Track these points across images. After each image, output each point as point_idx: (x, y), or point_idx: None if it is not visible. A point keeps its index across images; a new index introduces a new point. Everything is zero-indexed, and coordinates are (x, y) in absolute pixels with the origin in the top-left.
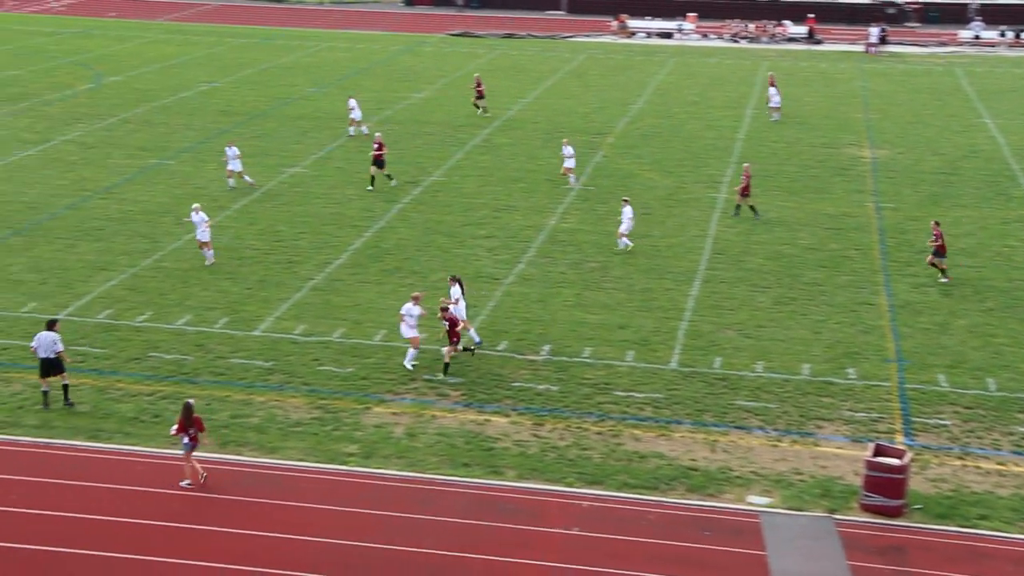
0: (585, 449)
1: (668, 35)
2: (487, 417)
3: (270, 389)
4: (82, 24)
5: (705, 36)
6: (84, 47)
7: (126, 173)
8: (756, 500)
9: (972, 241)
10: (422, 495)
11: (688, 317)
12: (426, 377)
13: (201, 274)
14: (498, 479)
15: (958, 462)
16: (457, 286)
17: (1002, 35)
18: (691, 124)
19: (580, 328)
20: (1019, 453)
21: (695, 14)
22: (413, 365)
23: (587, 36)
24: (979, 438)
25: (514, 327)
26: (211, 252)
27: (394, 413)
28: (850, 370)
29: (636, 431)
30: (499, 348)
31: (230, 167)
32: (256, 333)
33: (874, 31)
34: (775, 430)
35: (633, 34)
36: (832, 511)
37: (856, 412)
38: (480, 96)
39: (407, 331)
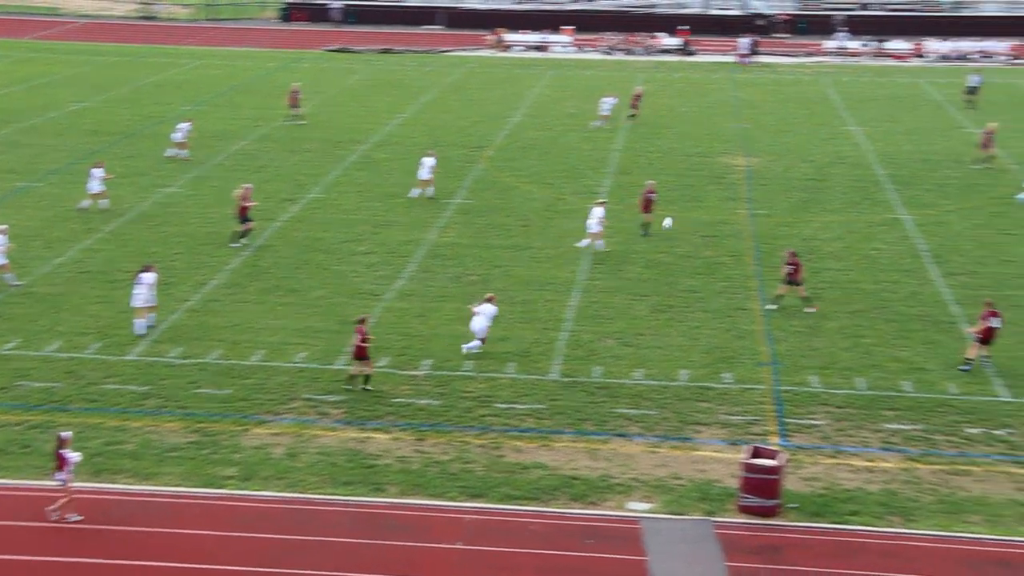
0: (468, 463)
1: (545, 48)
2: (368, 434)
3: (145, 414)
4: None
5: (581, 49)
6: None
7: None
8: (636, 506)
9: (840, 245)
10: (304, 516)
11: (568, 327)
12: (306, 396)
13: (72, 299)
14: (381, 496)
15: (830, 460)
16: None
17: (865, 45)
18: (568, 136)
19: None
20: (887, 449)
21: (571, 27)
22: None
23: (465, 50)
24: (850, 436)
25: (395, 343)
26: (11, 276)
27: (274, 434)
28: (726, 375)
29: (518, 442)
30: (380, 365)
31: (91, 188)
32: (130, 357)
33: (745, 42)
34: (654, 436)
35: (510, 47)
36: (711, 514)
37: (732, 415)
38: (294, 105)
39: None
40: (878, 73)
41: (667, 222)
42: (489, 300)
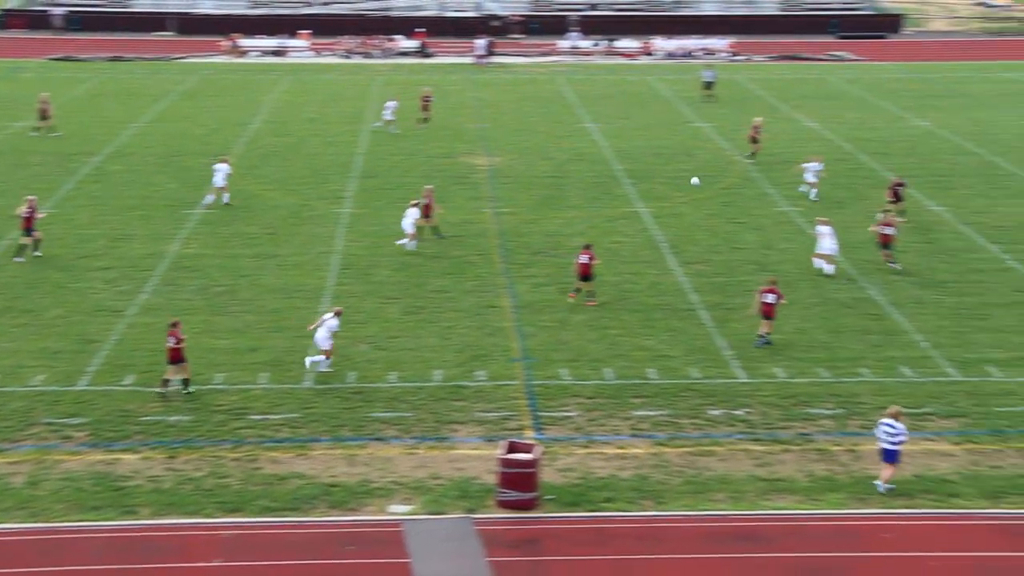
0: (223, 477)
1: (282, 53)
2: (116, 456)
3: None
4: None
5: (319, 53)
6: None
7: None
8: (397, 509)
9: (583, 240)
10: (49, 547)
11: None
12: (46, 421)
13: None
14: (133, 519)
15: (584, 450)
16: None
17: (597, 44)
18: (311, 141)
19: (210, 355)
20: (637, 436)
21: (308, 31)
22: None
23: (199, 57)
24: (601, 425)
25: (141, 360)
26: None
27: (12, 462)
28: (479, 372)
29: (274, 453)
30: (126, 383)
31: None
32: None
33: (481, 43)
34: (412, 438)
35: (245, 53)
36: (471, 511)
37: (488, 412)
38: (44, 117)
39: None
40: (610, 71)
41: (695, 180)
42: (337, 314)
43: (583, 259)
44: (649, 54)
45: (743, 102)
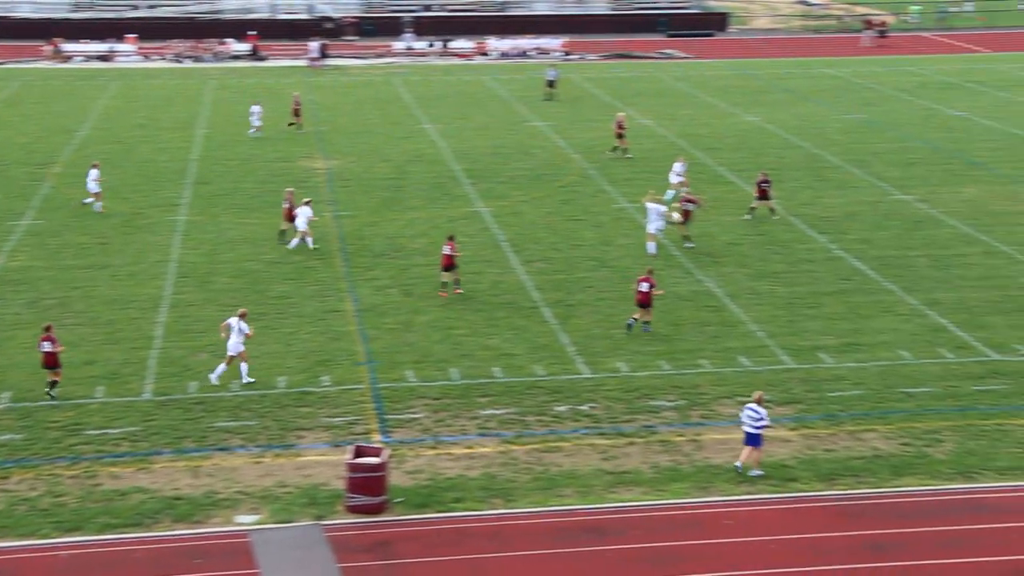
0: (60, 496)
1: (109, 58)
2: None
3: None
4: None
5: (148, 57)
6: None
7: None
8: (244, 519)
9: (425, 241)
10: None
11: (158, 345)
12: None
13: None
14: None
15: (432, 451)
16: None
17: (432, 45)
18: (142, 148)
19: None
20: (484, 435)
21: (135, 35)
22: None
23: (19, 63)
24: (448, 426)
25: None
26: None
27: None
28: (324, 377)
29: (114, 469)
30: None
31: None
32: None
33: (314, 46)
34: (257, 447)
35: (70, 58)
36: (320, 518)
37: (334, 417)
38: None
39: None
40: (446, 72)
41: (675, 216)
42: (242, 316)
43: (446, 250)
44: (484, 54)
45: (578, 101)
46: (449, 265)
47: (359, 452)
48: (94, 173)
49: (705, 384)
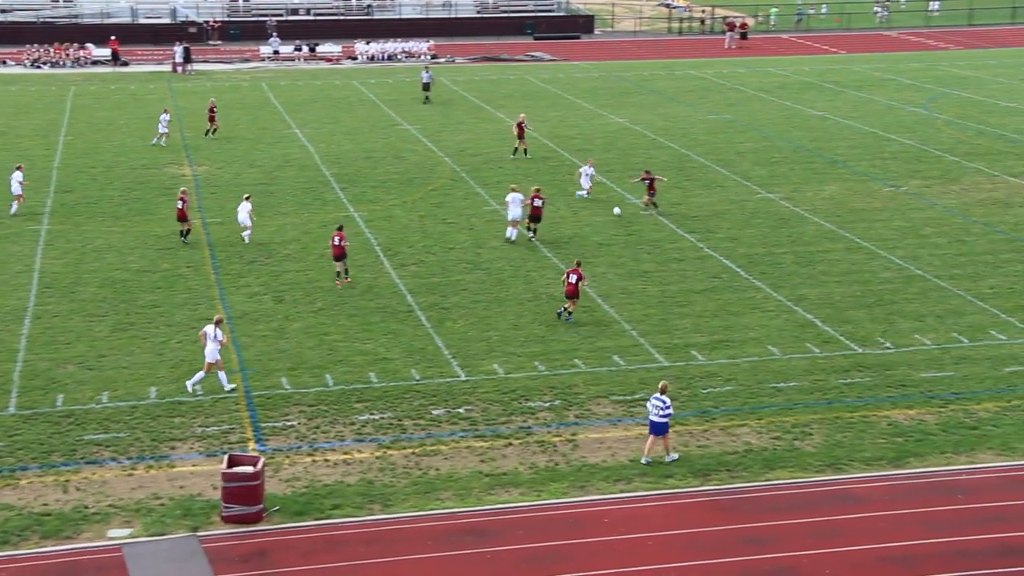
0: None
1: None
2: None
3: None
4: None
5: (3, 63)
6: None
7: None
8: (116, 533)
9: (297, 246)
10: None
11: (22, 357)
12: None
13: None
14: None
15: (308, 459)
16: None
17: (299, 49)
18: (0, 156)
19: None
20: (361, 440)
21: None
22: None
23: None
24: (324, 433)
25: None
26: None
27: None
28: (197, 387)
29: None
30: None
31: None
32: None
33: (178, 50)
34: (128, 459)
35: None
36: (195, 529)
37: (208, 427)
38: None
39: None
40: (314, 76)
41: (616, 210)
42: (217, 323)
43: (336, 240)
44: (352, 58)
45: (448, 104)
46: (339, 255)
47: (233, 461)
48: (18, 176)
49: (580, 384)
